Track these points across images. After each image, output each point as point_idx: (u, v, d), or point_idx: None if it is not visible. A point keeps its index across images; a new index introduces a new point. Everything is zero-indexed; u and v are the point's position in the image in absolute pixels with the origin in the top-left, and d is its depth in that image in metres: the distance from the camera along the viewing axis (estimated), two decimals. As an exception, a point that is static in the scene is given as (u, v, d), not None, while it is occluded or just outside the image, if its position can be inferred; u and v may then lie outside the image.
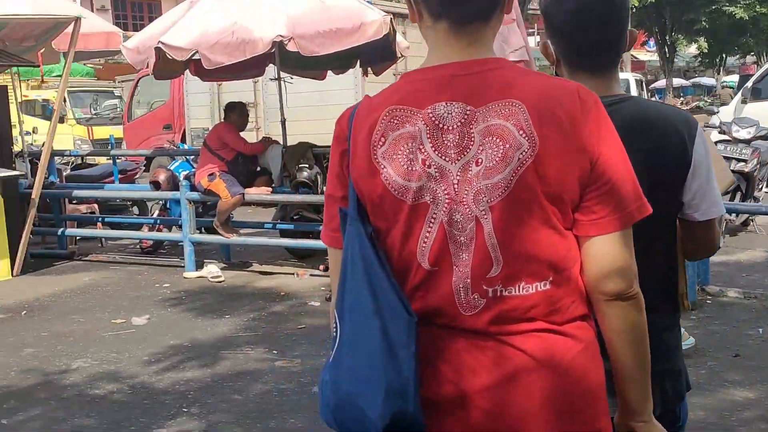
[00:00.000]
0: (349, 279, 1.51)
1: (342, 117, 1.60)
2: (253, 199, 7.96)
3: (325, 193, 1.65)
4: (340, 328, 1.52)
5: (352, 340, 1.49)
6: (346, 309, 1.51)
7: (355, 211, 1.53)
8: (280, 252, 8.75)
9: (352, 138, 1.54)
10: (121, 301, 7.06)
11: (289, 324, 6.11)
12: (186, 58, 7.26)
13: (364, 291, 1.48)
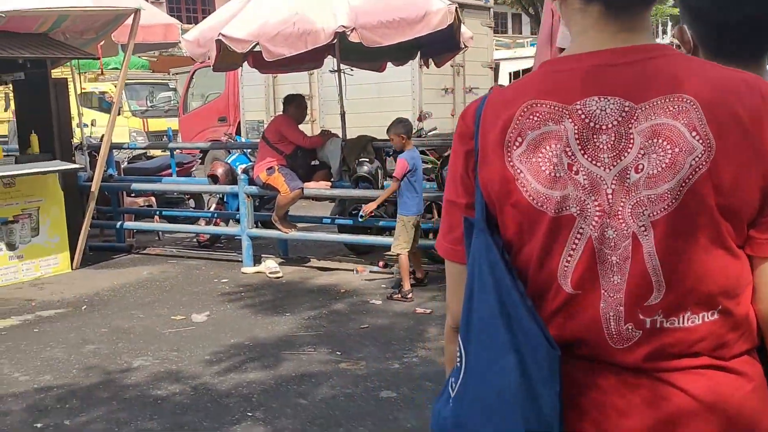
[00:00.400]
0: (476, 300, 1.30)
1: (467, 112, 1.38)
2: (312, 194, 7.80)
3: (444, 198, 1.43)
4: (465, 359, 1.31)
5: (481, 374, 1.28)
6: (473, 336, 1.31)
7: (483, 222, 1.31)
8: (337, 247, 8.60)
9: (481, 136, 1.32)
10: (180, 296, 6.98)
11: (351, 323, 5.94)
12: (247, 50, 7.12)
13: (495, 316, 1.27)
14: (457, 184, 1.38)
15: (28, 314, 6.55)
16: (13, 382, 4.94)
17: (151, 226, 9.67)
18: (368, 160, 7.48)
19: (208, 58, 7.41)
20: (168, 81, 20.64)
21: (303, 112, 8.05)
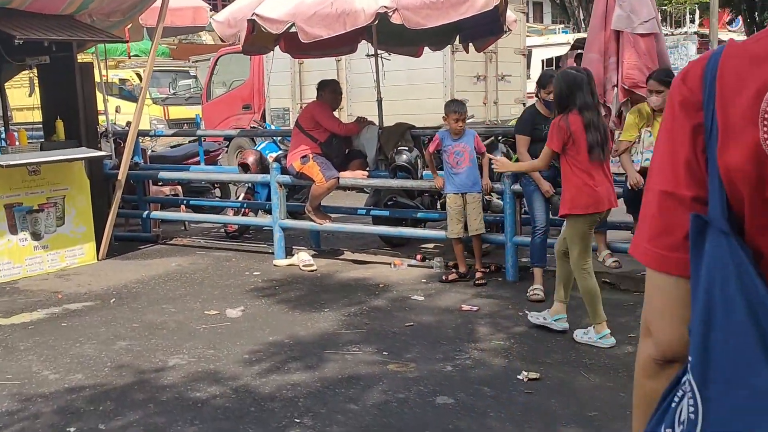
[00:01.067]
0: (719, 329, 0.97)
1: (690, 74, 1.05)
2: (348, 184, 7.49)
3: (652, 188, 1.10)
4: (702, 406, 0.98)
5: (734, 429, 0.95)
6: (717, 376, 0.97)
7: (724, 220, 0.99)
8: (370, 239, 8.29)
9: (720, 106, 1.00)
10: (212, 289, 6.69)
11: (395, 321, 5.62)
12: (281, 30, 6.82)
13: (751, 350, 0.94)
14: (678, 170, 1.05)
15: (55, 307, 6.28)
16: (42, 380, 4.67)
17: (181, 216, 9.39)
18: (407, 149, 7.16)
19: (239, 39, 7.10)
20: (189, 68, 20.37)
21: (338, 98, 7.73)
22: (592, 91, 4.84)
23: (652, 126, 5.81)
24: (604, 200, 4.84)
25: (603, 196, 4.83)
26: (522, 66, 13.09)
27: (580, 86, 4.79)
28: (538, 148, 6.04)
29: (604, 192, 4.83)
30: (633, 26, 6.02)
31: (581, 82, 4.79)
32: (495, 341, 5.09)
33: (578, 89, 4.79)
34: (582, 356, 4.74)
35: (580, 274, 4.96)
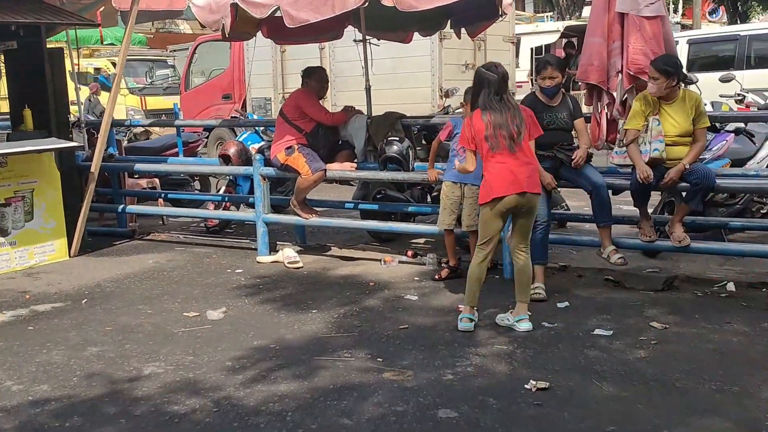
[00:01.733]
0: None
1: None
2: (335, 176, 7.09)
3: None
4: None
5: None
6: None
7: None
8: (357, 234, 7.91)
9: None
10: (192, 288, 6.29)
11: (388, 323, 5.25)
12: (266, 15, 6.42)
13: None
14: None
15: (21, 309, 5.86)
16: (4, 392, 4.26)
17: (159, 210, 8.95)
18: (398, 139, 6.77)
19: (222, 25, 6.67)
20: (166, 58, 19.86)
21: (324, 86, 7.32)
22: (498, 89, 4.89)
23: (659, 114, 5.46)
24: (494, 190, 4.85)
25: (495, 185, 4.85)
26: (511, 54, 12.74)
27: (485, 85, 4.92)
28: (539, 137, 5.70)
29: (508, 182, 4.83)
30: (639, 8, 5.67)
31: (487, 82, 4.91)
32: (497, 345, 4.73)
33: (484, 88, 4.92)
34: (592, 362, 4.40)
35: (474, 257, 5.08)
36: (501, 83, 4.93)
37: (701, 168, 5.40)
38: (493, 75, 4.95)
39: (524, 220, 5.00)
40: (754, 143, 6.98)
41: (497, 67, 5.05)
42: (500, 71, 4.99)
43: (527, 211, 4.96)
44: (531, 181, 4.90)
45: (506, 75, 5.02)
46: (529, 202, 4.91)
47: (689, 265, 6.36)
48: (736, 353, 4.42)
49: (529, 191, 4.87)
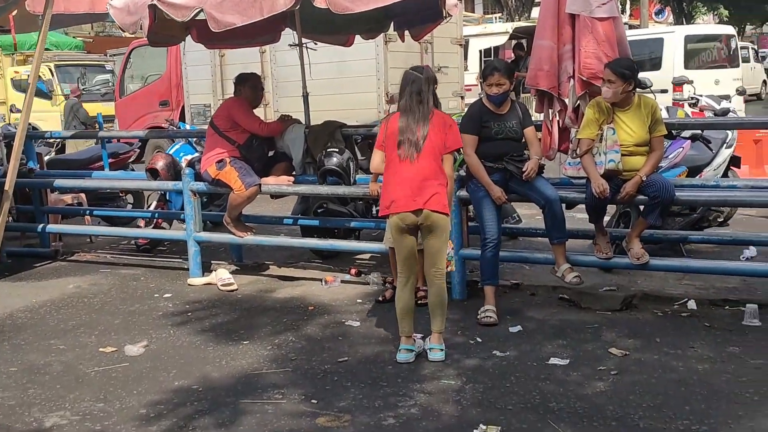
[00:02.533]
0: None
1: None
2: (270, 191, 6.60)
3: None
4: None
5: None
6: None
7: None
8: (299, 251, 7.42)
9: None
10: (113, 318, 5.75)
11: (326, 355, 4.79)
12: (188, 17, 5.90)
13: None
14: None
15: None
16: None
17: (81, 229, 8.32)
18: (337, 150, 6.31)
19: (141, 28, 6.15)
20: (104, 63, 19.10)
21: (259, 95, 6.82)
22: (419, 91, 4.55)
23: (614, 122, 5.10)
24: (398, 203, 4.52)
25: (400, 198, 4.51)
26: (459, 57, 12.36)
27: (408, 85, 4.61)
28: (487, 148, 5.32)
29: (401, 194, 4.51)
30: (591, 9, 5.30)
31: (410, 81, 4.61)
32: (444, 380, 4.30)
33: (406, 88, 4.62)
34: (547, 398, 3.99)
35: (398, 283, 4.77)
36: (424, 85, 4.55)
37: (659, 180, 5.04)
38: (417, 75, 4.58)
39: (430, 239, 4.57)
40: (711, 149, 6.69)
41: (425, 68, 4.70)
42: (425, 74, 4.61)
43: (431, 230, 4.54)
44: (432, 198, 4.48)
45: (432, 78, 4.63)
46: (429, 220, 4.50)
47: (647, 281, 6.02)
48: (702, 384, 4.05)
49: (427, 209, 4.47)
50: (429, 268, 4.64)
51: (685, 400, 3.87)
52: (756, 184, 5.57)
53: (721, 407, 3.77)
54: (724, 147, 6.84)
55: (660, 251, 6.09)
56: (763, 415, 3.67)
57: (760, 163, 9.01)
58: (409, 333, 4.66)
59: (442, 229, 4.58)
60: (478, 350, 4.73)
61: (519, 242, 7.23)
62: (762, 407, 3.74)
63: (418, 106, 4.55)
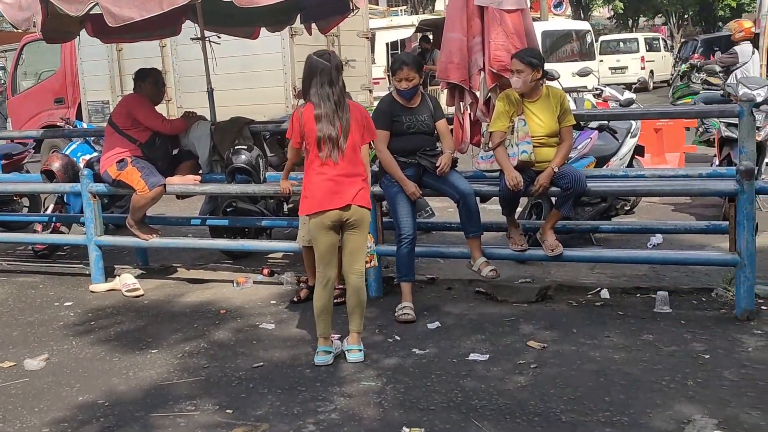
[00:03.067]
0: None
1: None
2: (176, 191, 6.34)
3: None
4: None
5: None
6: None
7: None
8: (207, 251, 7.17)
9: None
10: (10, 330, 5.41)
11: (240, 361, 4.62)
12: (82, 12, 5.61)
13: None
14: None
15: None
16: None
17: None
18: (246, 147, 6.10)
19: (34, 24, 5.79)
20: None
21: (161, 90, 6.53)
22: (331, 81, 4.36)
23: (524, 113, 5.09)
24: (315, 202, 4.40)
25: (317, 196, 4.39)
26: (366, 50, 12.27)
27: (316, 74, 4.39)
28: (400, 143, 5.23)
29: (327, 192, 4.37)
30: (499, 0, 5.27)
31: (318, 70, 4.38)
32: (365, 381, 4.20)
33: (314, 77, 4.39)
34: (469, 396, 3.94)
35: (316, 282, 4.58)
36: (334, 74, 4.38)
37: (572, 171, 5.07)
38: (325, 63, 4.38)
39: (354, 236, 4.47)
40: (617, 139, 6.81)
41: (330, 54, 4.51)
42: (334, 60, 4.44)
43: (356, 226, 4.44)
44: (359, 194, 4.40)
45: (340, 65, 4.47)
46: (356, 215, 4.41)
47: (560, 271, 6.07)
48: (619, 374, 4.08)
49: (355, 204, 4.38)
50: (350, 266, 4.52)
51: (605, 390, 3.89)
52: (662, 173, 5.67)
53: (639, 397, 3.80)
54: (629, 137, 6.98)
55: (570, 240, 6.15)
56: (679, 402, 3.71)
57: (660, 152, 9.26)
58: (327, 334, 4.54)
59: (365, 225, 4.50)
60: (397, 349, 4.64)
61: (432, 236, 7.20)
62: (678, 395, 3.79)
63: (333, 99, 4.36)
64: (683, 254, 5.38)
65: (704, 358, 4.21)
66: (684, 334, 4.59)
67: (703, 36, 27.71)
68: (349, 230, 4.46)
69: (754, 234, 4.75)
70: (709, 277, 5.66)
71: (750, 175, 4.58)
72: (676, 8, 37.02)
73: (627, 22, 38.89)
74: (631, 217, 7.55)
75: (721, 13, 39.31)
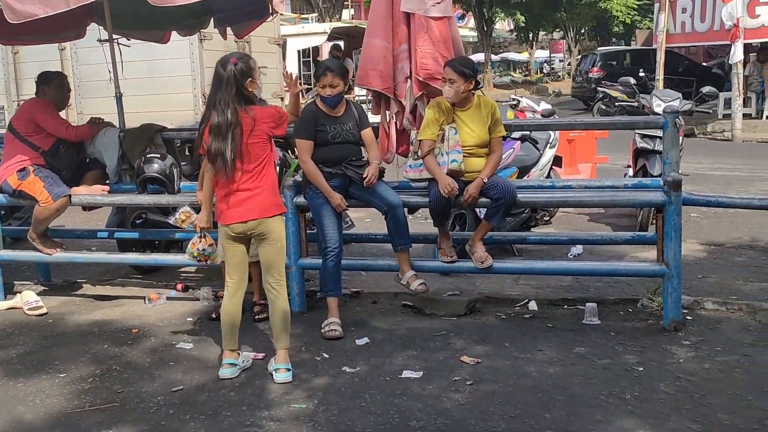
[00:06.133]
0: None
1: None
2: (83, 202, 5.94)
3: None
4: None
5: None
6: None
7: None
8: (116, 265, 6.77)
9: None
10: None
11: (158, 385, 4.31)
12: (-23, 8, 5.14)
13: None
14: None
15: None
16: None
17: None
18: (158, 156, 5.76)
19: None
20: None
21: (66, 95, 6.11)
22: (227, 90, 4.14)
23: (454, 122, 4.99)
24: (226, 214, 4.26)
25: (228, 208, 4.25)
26: (278, 57, 12.01)
27: (218, 84, 4.18)
28: (325, 152, 5.04)
29: (229, 205, 4.25)
30: (425, 7, 5.16)
31: (216, 78, 4.20)
32: (294, 404, 3.97)
33: (216, 87, 4.19)
34: (406, 416, 3.77)
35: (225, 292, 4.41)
36: (229, 82, 4.12)
37: (501, 182, 4.99)
38: (221, 71, 4.16)
39: (264, 248, 4.30)
40: (538, 150, 6.81)
41: (229, 61, 4.19)
42: (230, 67, 4.15)
43: (264, 238, 4.26)
44: (258, 206, 4.21)
45: (239, 73, 4.14)
46: (260, 228, 4.23)
47: (486, 282, 6.00)
48: (557, 389, 4.00)
49: (257, 218, 4.21)
50: (264, 279, 4.35)
51: (545, 407, 3.80)
52: (589, 184, 5.68)
53: (579, 413, 3.72)
54: (549, 147, 7.01)
55: (492, 251, 6.09)
56: (620, 418, 3.65)
57: (573, 162, 9.38)
58: (234, 347, 4.36)
59: (276, 235, 4.29)
60: (326, 367, 4.44)
61: (352, 247, 7.02)
62: (618, 410, 3.74)
63: (220, 112, 4.13)
64: (612, 265, 5.40)
65: (638, 371, 4.19)
66: (615, 346, 4.57)
67: (601, 50, 28.68)
68: (259, 242, 4.29)
69: (680, 244, 4.79)
70: (633, 287, 5.70)
71: (678, 187, 4.61)
72: (574, 23, 38.19)
73: (527, 35, 39.87)
74: (549, 227, 7.58)
75: (615, 29, 40.87)
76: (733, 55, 14.98)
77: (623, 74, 14.09)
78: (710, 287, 5.69)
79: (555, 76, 42.36)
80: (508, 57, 49.43)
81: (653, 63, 16.73)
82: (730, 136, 15.92)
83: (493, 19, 36.85)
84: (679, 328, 4.75)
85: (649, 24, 33.19)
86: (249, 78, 4.20)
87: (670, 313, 4.74)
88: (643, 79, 17.79)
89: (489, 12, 35.68)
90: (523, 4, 35.16)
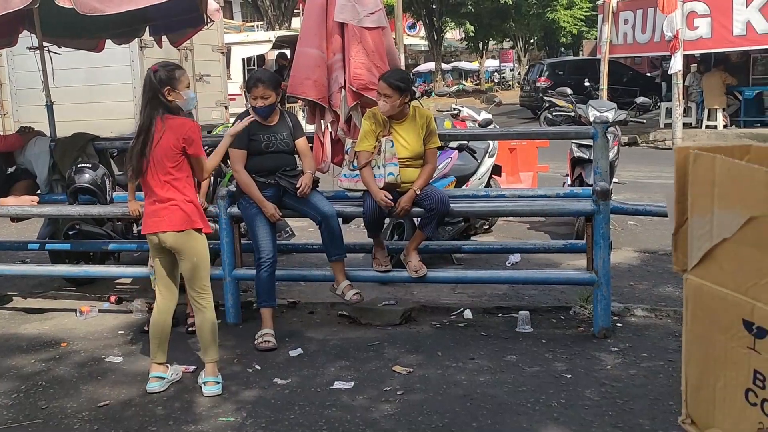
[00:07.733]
0: None
1: None
2: (11, 213, 5.81)
3: None
4: None
5: None
6: None
7: None
8: (47, 278, 6.64)
9: None
10: None
11: (84, 400, 4.22)
12: None
13: None
14: None
15: None
16: None
17: None
18: (90, 166, 5.68)
19: None
20: None
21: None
22: (145, 99, 4.13)
23: (390, 134, 5.00)
24: (145, 224, 4.25)
25: (145, 219, 4.26)
26: (221, 65, 11.92)
27: (142, 89, 4.21)
28: (258, 162, 5.01)
29: (145, 216, 4.26)
30: (359, 18, 5.17)
31: (145, 87, 4.16)
32: (222, 417, 3.93)
33: (147, 92, 4.14)
34: (334, 428, 3.75)
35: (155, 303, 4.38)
36: (145, 89, 4.11)
37: (435, 192, 5.01)
38: (146, 78, 4.14)
39: (180, 262, 4.24)
40: (476, 159, 6.86)
41: (151, 69, 4.15)
42: (149, 74, 4.11)
43: (178, 252, 4.20)
44: (170, 217, 4.13)
45: (156, 81, 4.08)
46: (170, 241, 4.16)
47: (423, 291, 6.01)
48: (485, 398, 4.02)
49: (165, 230, 4.14)
50: (190, 293, 4.28)
51: (472, 416, 3.81)
52: (522, 193, 5.74)
53: (506, 421, 3.75)
54: (487, 156, 7.06)
55: (431, 260, 6.11)
56: (544, 425, 3.68)
57: (515, 171, 9.48)
58: (162, 360, 4.30)
59: (190, 251, 4.18)
60: (257, 379, 4.40)
61: (293, 257, 6.98)
62: (543, 417, 3.77)
63: (142, 121, 4.13)
64: (544, 274, 5.46)
65: (566, 378, 4.23)
66: (545, 353, 4.61)
67: (548, 60, 29.09)
68: (177, 256, 4.23)
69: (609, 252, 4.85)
70: (566, 294, 5.76)
71: (606, 196, 4.68)
72: (523, 33, 38.68)
73: (477, 45, 40.24)
74: (489, 235, 7.64)
75: (563, 39, 41.50)
76: (673, 66, 15.29)
77: (570, 84, 14.32)
78: (641, 294, 5.78)
79: (505, 86, 42.82)
80: (460, 66, 49.84)
81: (599, 73, 17.01)
82: (671, 144, 16.25)
83: (443, 29, 37.13)
84: (608, 335, 4.82)
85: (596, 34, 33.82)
86: (168, 86, 4.13)
87: (600, 320, 4.81)
88: (588, 89, 18.11)
89: (439, 21, 35.95)
90: (472, 14, 35.49)
